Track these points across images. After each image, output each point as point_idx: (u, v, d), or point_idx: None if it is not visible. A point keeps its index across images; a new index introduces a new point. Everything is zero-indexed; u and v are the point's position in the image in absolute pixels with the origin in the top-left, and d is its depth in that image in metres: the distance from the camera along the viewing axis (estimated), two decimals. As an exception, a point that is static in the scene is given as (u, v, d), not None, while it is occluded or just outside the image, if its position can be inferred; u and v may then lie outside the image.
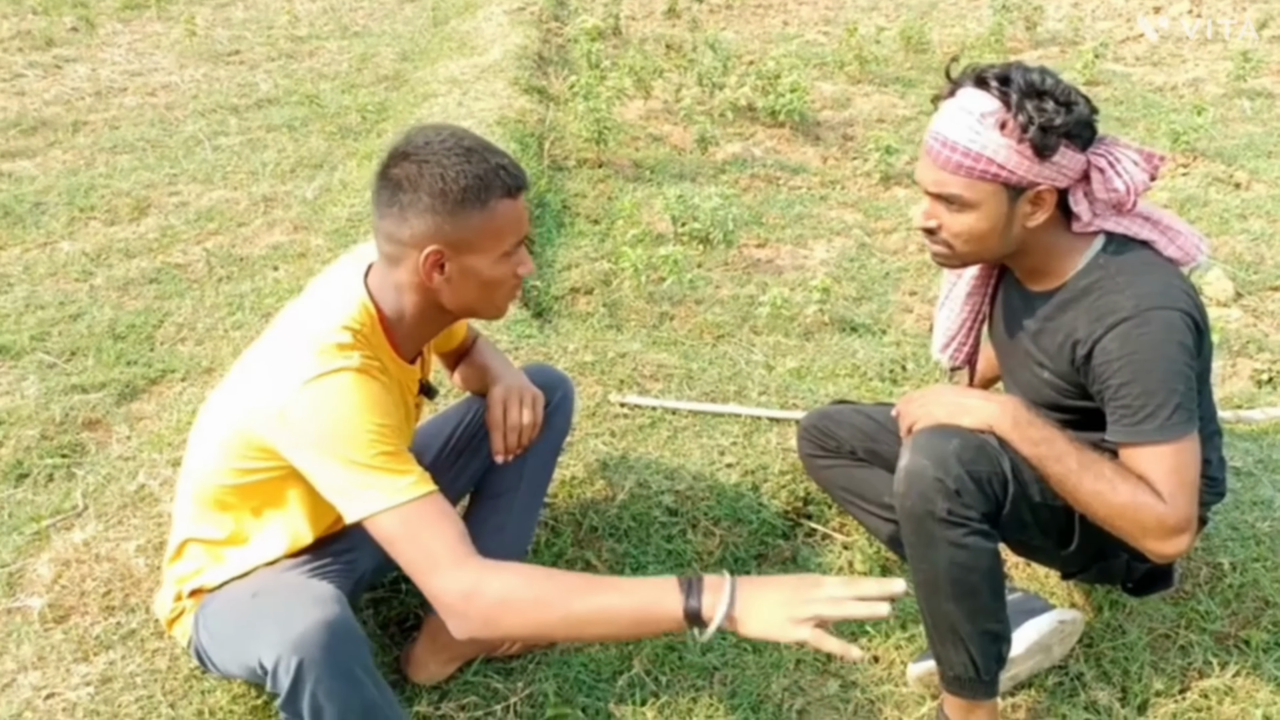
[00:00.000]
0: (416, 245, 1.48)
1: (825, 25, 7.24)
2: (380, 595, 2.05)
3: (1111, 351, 1.56)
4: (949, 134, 1.57)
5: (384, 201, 1.49)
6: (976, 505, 1.59)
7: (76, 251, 3.61)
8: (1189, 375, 1.55)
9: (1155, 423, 1.53)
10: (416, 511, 1.39)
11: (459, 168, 1.45)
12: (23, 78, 5.62)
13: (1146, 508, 1.52)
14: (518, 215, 1.53)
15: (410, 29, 6.96)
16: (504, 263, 1.54)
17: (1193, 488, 1.54)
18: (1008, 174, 1.55)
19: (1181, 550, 1.54)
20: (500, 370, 1.90)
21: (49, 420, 2.65)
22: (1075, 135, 1.54)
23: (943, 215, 1.63)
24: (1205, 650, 1.98)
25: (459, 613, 1.35)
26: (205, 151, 4.63)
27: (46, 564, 2.01)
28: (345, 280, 1.58)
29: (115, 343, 3.04)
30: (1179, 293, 1.57)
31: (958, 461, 1.58)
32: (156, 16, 7.03)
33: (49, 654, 1.81)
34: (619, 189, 4.27)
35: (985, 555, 1.63)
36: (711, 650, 2.03)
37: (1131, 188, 1.56)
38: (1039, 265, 1.69)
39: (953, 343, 1.95)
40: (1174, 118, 5.00)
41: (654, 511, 2.23)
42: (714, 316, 3.32)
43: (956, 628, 1.69)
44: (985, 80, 1.56)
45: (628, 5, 7.42)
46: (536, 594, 1.34)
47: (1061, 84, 1.55)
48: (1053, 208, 1.61)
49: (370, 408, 1.42)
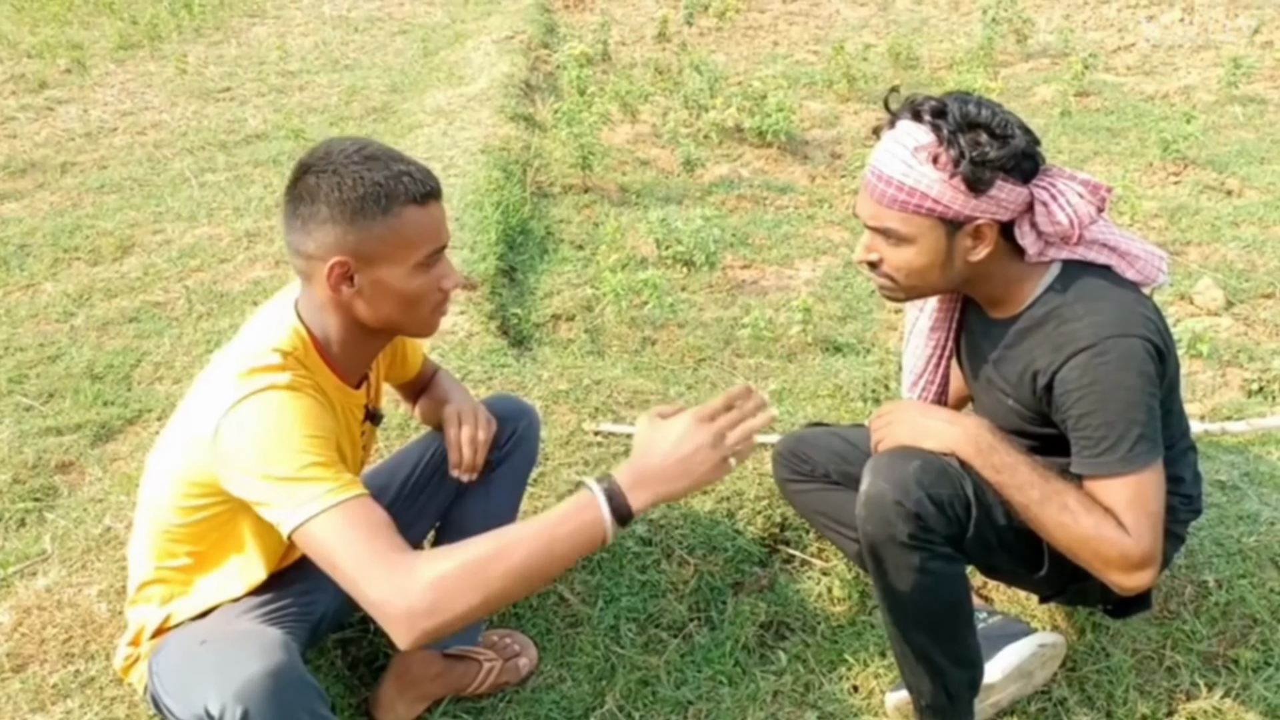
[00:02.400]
0: (321, 258, 1.44)
1: (815, 44, 7.25)
2: (349, 635, 2.01)
3: (1071, 382, 1.52)
4: (884, 168, 1.55)
5: (289, 216, 1.46)
6: (939, 529, 1.56)
7: (59, 293, 3.61)
8: (1151, 404, 1.51)
9: (1117, 454, 1.50)
10: (342, 515, 1.32)
11: (356, 175, 1.41)
12: (14, 120, 5.65)
13: (1109, 541, 1.49)
14: (430, 223, 1.48)
15: (400, 61, 7.00)
16: (420, 274, 1.48)
17: (1156, 519, 1.51)
18: (942, 208, 1.52)
19: (1144, 584, 1.52)
20: (453, 397, 1.88)
21: (22, 464, 2.63)
22: (1012, 169, 1.51)
23: (883, 249, 1.60)
24: (1192, 671, 1.92)
25: (399, 612, 1.26)
26: (191, 189, 4.64)
27: (7, 611, 1.99)
28: (277, 308, 1.56)
29: (93, 383, 3.03)
30: (1138, 318, 1.53)
31: (918, 485, 1.55)
32: (150, 56, 7.08)
33: (4, 705, 1.78)
34: (604, 214, 4.26)
35: (950, 580, 1.61)
36: (686, 684, 1.98)
37: (1075, 220, 1.52)
38: (995, 293, 1.66)
39: (921, 379, 1.90)
40: (1164, 126, 4.96)
41: (626, 541, 2.19)
42: (696, 340, 3.29)
43: (926, 654, 1.67)
44: (920, 113, 1.54)
45: (617, 31, 7.46)
46: (465, 560, 1.27)
47: (999, 115, 1.52)
48: (994, 242, 1.56)
49: (297, 422, 1.38)
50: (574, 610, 2.11)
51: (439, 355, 2.79)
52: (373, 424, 1.73)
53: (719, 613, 2.12)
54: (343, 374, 1.58)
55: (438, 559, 1.30)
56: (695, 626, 2.11)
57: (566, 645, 2.05)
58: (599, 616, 2.08)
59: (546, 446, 2.39)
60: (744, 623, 2.08)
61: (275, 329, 1.51)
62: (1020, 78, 6.35)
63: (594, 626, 2.07)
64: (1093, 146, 5.16)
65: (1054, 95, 5.73)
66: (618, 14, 8.30)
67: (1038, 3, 8.32)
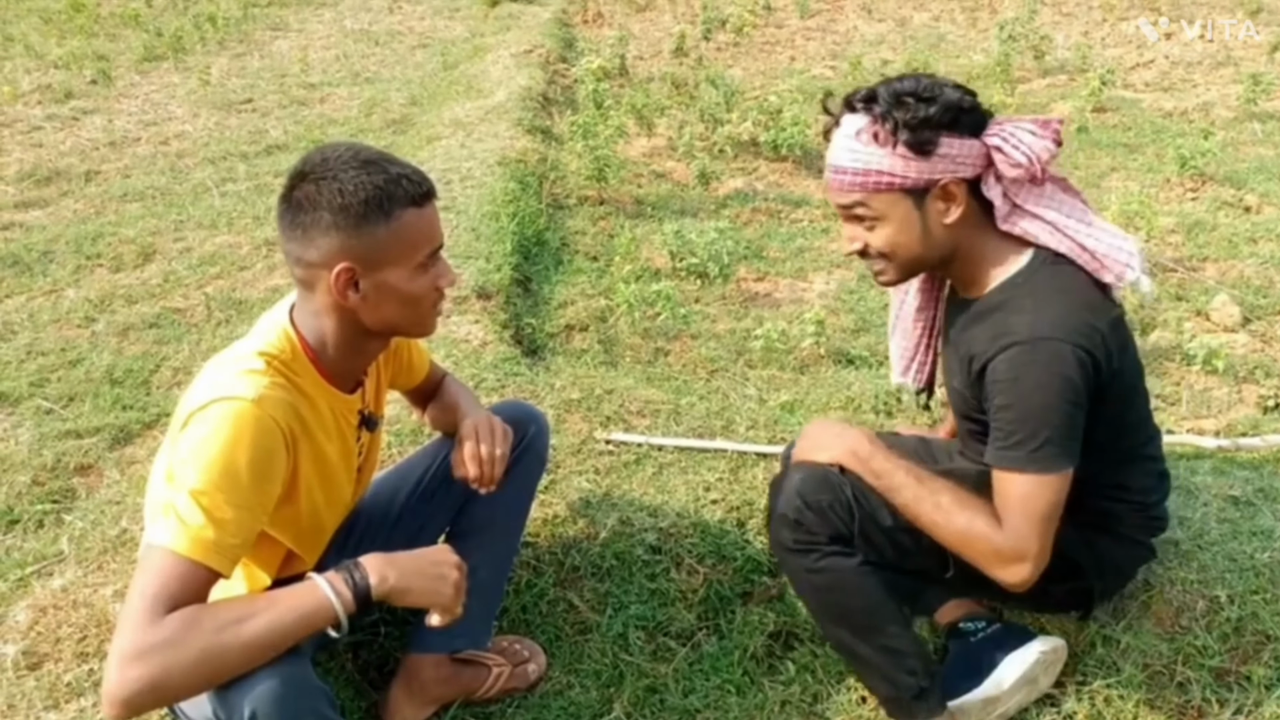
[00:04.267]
0: (325, 265, 1.43)
1: (831, 60, 7.28)
2: (359, 639, 2.02)
3: (999, 373, 1.56)
4: (836, 160, 1.61)
5: (288, 224, 1.45)
6: (820, 530, 1.67)
7: (80, 299, 3.66)
8: (1069, 411, 1.53)
9: (1021, 451, 1.54)
10: (171, 563, 1.29)
11: (357, 180, 1.41)
12: (41, 130, 5.75)
13: (980, 537, 1.57)
14: (427, 224, 1.49)
15: (420, 74, 7.07)
16: (421, 275, 1.50)
17: (1040, 522, 1.55)
18: (900, 179, 1.56)
19: (1021, 578, 1.57)
20: (468, 407, 1.87)
21: (41, 466, 2.67)
22: (953, 124, 1.54)
23: (863, 234, 1.65)
24: (1204, 687, 1.90)
25: (111, 673, 1.23)
26: (213, 198, 4.70)
27: (23, 611, 2.01)
28: (275, 314, 1.57)
29: (112, 388, 3.06)
30: (1080, 326, 1.53)
31: (797, 495, 1.69)
32: (174, 67, 7.19)
33: (19, 702, 1.80)
34: (619, 226, 4.28)
35: (845, 574, 1.69)
36: (694, 693, 1.98)
37: (1034, 157, 1.55)
38: (968, 271, 1.68)
39: (912, 364, 1.93)
40: (1182, 142, 4.95)
41: (637, 550, 2.19)
42: (708, 351, 3.30)
43: (855, 651, 1.76)
44: (853, 104, 1.60)
45: (635, 45, 7.51)
46: (193, 655, 1.26)
47: (924, 82, 1.56)
48: (965, 199, 1.60)
49: (235, 449, 1.35)
50: (583, 617, 2.11)
51: (453, 363, 2.81)
52: (368, 429, 1.71)
53: (728, 622, 2.12)
54: (335, 379, 1.57)
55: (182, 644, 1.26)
56: (704, 635, 2.11)
57: (575, 652, 2.05)
58: (608, 624, 2.09)
59: (558, 455, 2.40)
60: (752, 632, 2.08)
61: (266, 334, 1.52)
62: (1037, 94, 6.35)
63: (602, 634, 2.08)
64: (1110, 162, 5.15)
65: (1071, 111, 5.73)
66: (635, 29, 8.36)
67: (1056, 19, 8.33)
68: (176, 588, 1.29)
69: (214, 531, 1.32)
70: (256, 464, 1.37)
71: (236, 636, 1.28)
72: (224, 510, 1.33)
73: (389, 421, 2.53)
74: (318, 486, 1.58)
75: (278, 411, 1.41)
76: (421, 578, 1.43)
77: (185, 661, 1.25)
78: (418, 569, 1.43)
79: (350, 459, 1.68)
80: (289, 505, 1.53)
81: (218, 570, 1.33)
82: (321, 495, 1.60)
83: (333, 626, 1.36)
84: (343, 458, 1.64)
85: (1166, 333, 3.38)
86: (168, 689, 1.25)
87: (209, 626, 1.27)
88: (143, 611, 1.26)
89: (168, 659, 1.24)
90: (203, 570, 1.32)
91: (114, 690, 1.23)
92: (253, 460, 1.37)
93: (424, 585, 1.43)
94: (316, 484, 1.57)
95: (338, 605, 1.34)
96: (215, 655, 1.27)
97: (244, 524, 1.37)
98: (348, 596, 1.36)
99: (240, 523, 1.36)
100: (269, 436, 1.40)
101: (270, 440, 1.40)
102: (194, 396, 1.41)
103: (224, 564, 1.34)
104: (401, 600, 1.42)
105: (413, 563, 1.44)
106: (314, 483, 1.56)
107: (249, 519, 1.38)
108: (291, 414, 1.45)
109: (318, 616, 1.34)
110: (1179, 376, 3.14)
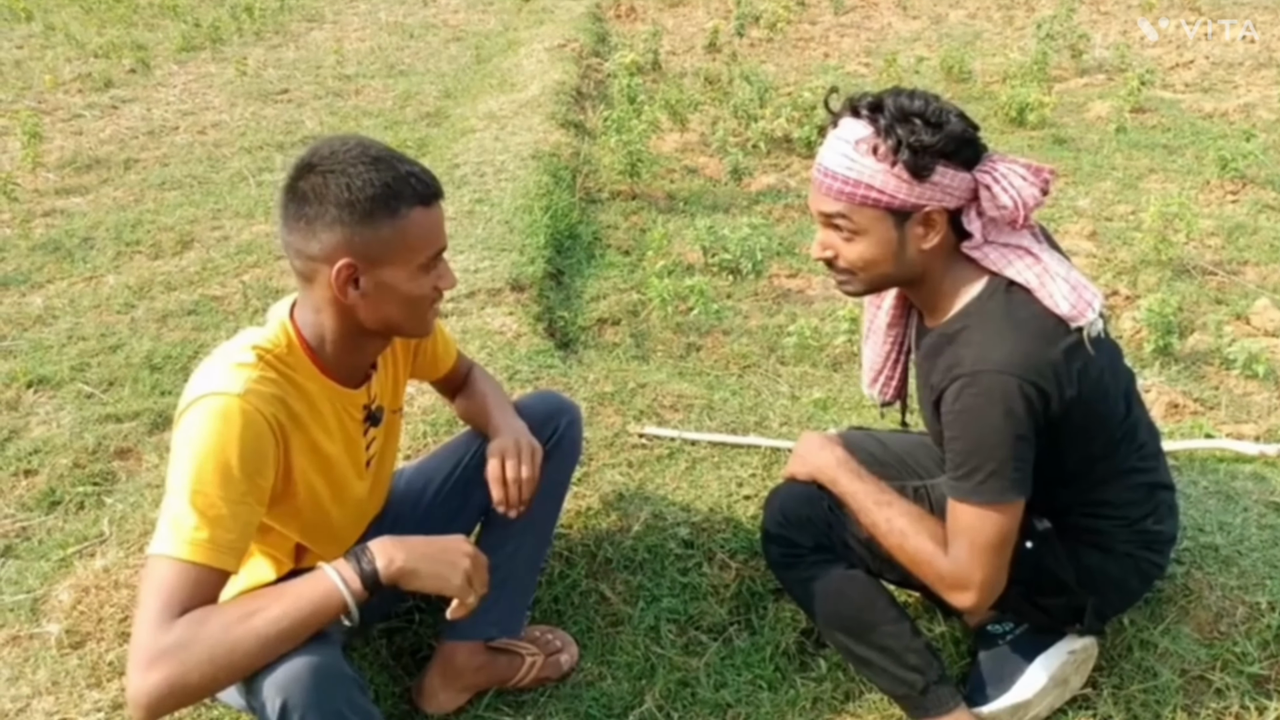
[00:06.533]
0: (327, 260, 1.42)
1: (866, 57, 7.23)
2: (394, 625, 2.04)
3: (948, 403, 1.58)
4: (827, 163, 1.58)
5: (290, 216, 1.43)
6: (803, 541, 1.78)
7: (120, 285, 3.71)
8: (1016, 444, 1.53)
9: (969, 483, 1.57)
10: (172, 570, 1.31)
11: (365, 176, 1.39)
12: (81, 118, 5.83)
13: (928, 562, 1.63)
14: (433, 225, 1.48)
15: (454, 67, 7.10)
16: (422, 276, 1.49)
17: (984, 552, 1.58)
18: (888, 198, 1.54)
19: (967, 604, 1.63)
20: (499, 420, 1.84)
21: (82, 449, 2.71)
22: (952, 154, 1.53)
23: (837, 244, 1.63)
24: (1242, 694, 1.88)
25: (133, 678, 1.26)
26: (249, 187, 4.75)
27: (67, 590, 2.05)
28: (278, 307, 1.57)
29: (151, 373, 3.11)
30: (1028, 359, 1.51)
31: (780, 511, 1.81)
32: (211, 58, 7.26)
33: (63, 679, 1.83)
34: (651, 220, 4.28)
35: (832, 580, 1.78)
36: (726, 687, 1.99)
37: (1019, 203, 1.53)
38: (931, 298, 1.67)
39: (880, 377, 1.93)
40: (1222, 144, 4.88)
41: (669, 544, 2.20)
42: (741, 347, 3.29)
43: (856, 653, 1.82)
44: (858, 109, 1.57)
45: (668, 40, 7.50)
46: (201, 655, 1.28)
47: (933, 105, 1.54)
48: (944, 228, 1.58)
49: (226, 443, 1.36)
50: (615, 609, 2.12)
51: (487, 354, 2.83)
52: (373, 424, 1.68)
53: (759, 617, 2.12)
54: (335, 374, 1.56)
55: (179, 630, 1.28)
56: (735, 630, 2.11)
57: (607, 644, 2.06)
58: (640, 616, 2.10)
59: (591, 447, 2.41)
60: (784, 629, 2.08)
61: (265, 328, 1.52)
62: (1074, 93, 6.28)
63: (634, 626, 2.08)
64: (1148, 163, 5.09)
65: (1109, 111, 5.66)
66: (669, 24, 8.35)
67: (1094, 18, 8.23)
68: (182, 593, 1.30)
69: (209, 531, 1.33)
70: (245, 457, 1.37)
71: (248, 631, 1.30)
72: (218, 508, 1.34)
73: (423, 410, 2.55)
74: (317, 479, 1.58)
75: (264, 404, 1.41)
76: (430, 562, 1.43)
77: (200, 661, 1.27)
78: (426, 553, 1.43)
79: (357, 453, 1.67)
80: (287, 499, 1.53)
81: (220, 568, 1.35)
82: (324, 488, 1.60)
83: (344, 615, 1.36)
84: (347, 452, 1.63)
85: (1205, 336, 3.34)
86: (188, 689, 1.27)
87: (218, 625, 1.29)
88: (152, 619, 1.28)
89: (183, 660, 1.26)
90: (205, 571, 1.33)
91: (137, 695, 1.26)
92: (242, 454, 1.37)
93: (432, 569, 1.43)
94: (315, 476, 1.57)
95: (345, 592, 1.35)
96: (229, 651, 1.28)
97: (240, 518, 1.37)
98: (356, 582, 1.37)
99: (236, 517, 1.36)
100: (255, 429, 1.39)
101: (257, 432, 1.40)
102: (188, 390, 1.43)
103: (225, 561, 1.35)
104: (410, 583, 1.42)
105: (423, 546, 1.44)
106: (311, 475, 1.56)
107: (245, 513, 1.38)
108: (279, 406, 1.44)
109: (327, 604, 1.35)
110: (1218, 380, 3.10)
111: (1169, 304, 3.18)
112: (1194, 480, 2.32)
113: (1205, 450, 2.52)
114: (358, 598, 1.37)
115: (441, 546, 1.47)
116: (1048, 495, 1.65)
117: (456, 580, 1.45)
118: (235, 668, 1.30)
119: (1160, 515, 1.77)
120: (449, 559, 1.46)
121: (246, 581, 1.60)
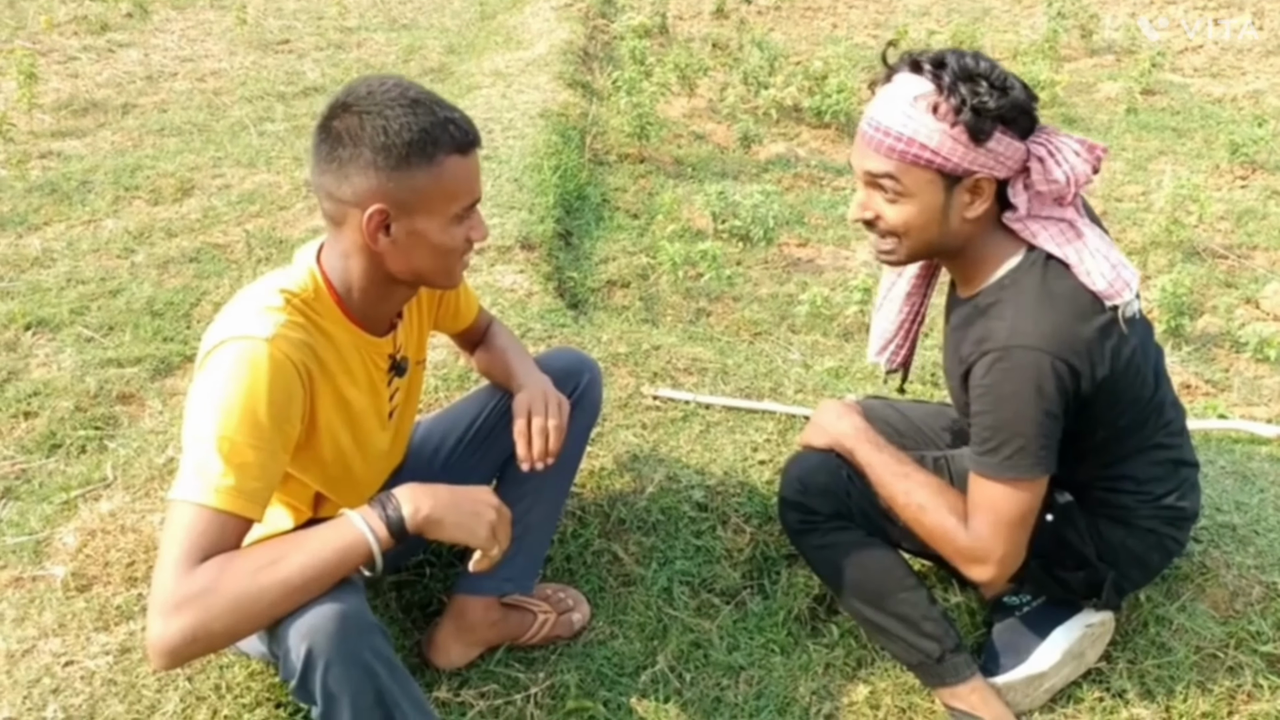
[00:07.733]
0: (359, 204, 1.37)
1: (875, 29, 7.16)
2: (404, 579, 2.02)
3: (978, 377, 1.55)
4: (881, 118, 1.51)
5: (323, 156, 1.38)
6: (820, 508, 1.76)
7: (120, 229, 3.64)
8: (1044, 421, 1.51)
9: (995, 458, 1.55)
10: (196, 516, 1.27)
11: (403, 120, 1.34)
12: (76, 60, 5.70)
13: (947, 536, 1.62)
14: (469, 174, 1.42)
15: (458, 23, 6.99)
16: (455, 226, 1.44)
17: (1005, 527, 1.57)
18: (942, 160, 1.48)
19: (985, 578, 1.62)
20: (522, 374, 1.80)
21: (84, 393, 2.66)
22: (1011, 121, 1.48)
23: (879, 206, 1.57)
24: (1256, 672, 1.89)
25: (154, 622, 1.23)
26: (250, 136, 4.66)
27: (72, 533, 2.01)
28: (305, 251, 1.52)
29: (153, 319, 3.05)
30: (1062, 334, 1.49)
31: (798, 480, 1.79)
32: (209, 4, 7.12)
33: (70, 622, 1.80)
34: (659, 185, 4.24)
35: (849, 546, 1.78)
36: (738, 650, 1.97)
37: (1072, 178, 1.49)
38: (967, 270, 1.64)
39: (889, 345, 1.91)
40: (1233, 129, 4.86)
41: (683, 506, 2.18)
42: (751, 314, 3.26)
43: (872, 620, 1.81)
44: (919, 64, 1.50)
45: (675, 4, 7.40)
46: (228, 599, 1.25)
47: (998, 69, 1.49)
48: (991, 198, 1.54)
49: (252, 389, 1.31)
50: (628, 570, 2.10)
51: (499, 311, 2.79)
52: (397, 374, 1.65)
53: (772, 582, 2.11)
54: (362, 321, 1.52)
55: (203, 576, 1.25)
56: (748, 594, 2.10)
57: (619, 604, 2.05)
58: (653, 578, 2.08)
59: (605, 408, 2.37)
60: (797, 594, 2.07)
61: (292, 271, 1.48)
62: (1084, 73, 6.24)
63: (647, 587, 2.07)
64: (1158, 145, 5.07)
65: (1119, 92, 5.63)
66: (676, -12, 8.22)
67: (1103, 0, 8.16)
68: (205, 539, 1.27)
69: (235, 478, 1.29)
70: (274, 404, 1.33)
71: (272, 578, 1.27)
72: (244, 454, 1.31)
73: (435, 365, 2.52)
74: (341, 429, 1.55)
75: (293, 350, 1.37)
76: (457, 511, 1.40)
77: (223, 607, 1.24)
78: (454, 502, 1.41)
79: (380, 403, 1.63)
80: (310, 447, 1.50)
81: (245, 516, 1.31)
82: (348, 438, 1.57)
83: (367, 565, 1.33)
84: (371, 402, 1.59)
85: (1216, 318, 3.33)
86: (210, 636, 1.24)
87: (242, 571, 1.26)
88: (175, 565, 1.25)
89: (206, 607, 1.23)
90: (229, 518, 1.29)
91: (157, 642, 1.23)
92: (270, 401, 1.33)
93: (458, 519, 1.40)
94: (340, 426, 1.54)
95: (371, 539, 1.33)
96: (252, 598, 1.26)
97: (266, 466, 1.34)
98: (382, 530, 1.34)
99: (262, 465, 1.33)
100: (284, 375, 1.36)
101: (285, 379, 1.36)
102: (214, 332, 1.38)
103: (250, 509, 1.32)
104: (435, 533, 1.39)
105: (450, 495, 1.41)
106: (336, 424, 1.53)
107: (270, 461, 1.35)
108: (308, 353, 1.41)
109: (353, 552, 1.32)
110: (1228, 363, 3.10)
111: (1182, 284, 3.17)
112: (1211, 460, 2.31)
113: (1221, 430, 2.51)
114: (384, 545, 1.34)
115: (468, 496, 1.44)
116: (1071, 469, 1.63)
117: (482, 532, 1.43)
118: (259, 615, 1.27)
119: (1184, 491, 1.75)
120: (475, 509, 1.43)
121: (264, 530, 1.56)
